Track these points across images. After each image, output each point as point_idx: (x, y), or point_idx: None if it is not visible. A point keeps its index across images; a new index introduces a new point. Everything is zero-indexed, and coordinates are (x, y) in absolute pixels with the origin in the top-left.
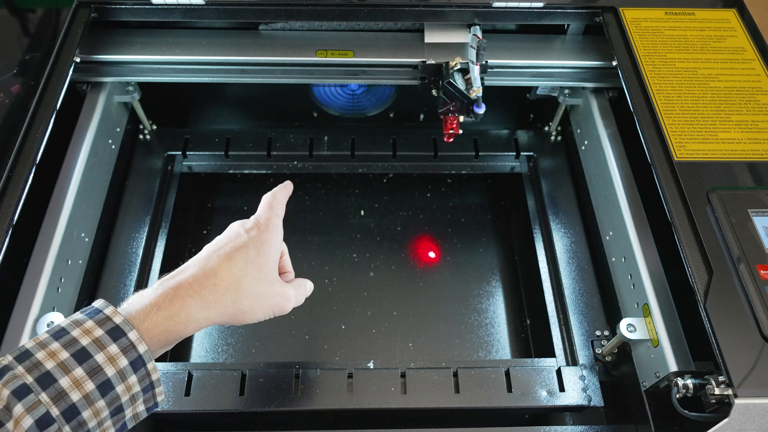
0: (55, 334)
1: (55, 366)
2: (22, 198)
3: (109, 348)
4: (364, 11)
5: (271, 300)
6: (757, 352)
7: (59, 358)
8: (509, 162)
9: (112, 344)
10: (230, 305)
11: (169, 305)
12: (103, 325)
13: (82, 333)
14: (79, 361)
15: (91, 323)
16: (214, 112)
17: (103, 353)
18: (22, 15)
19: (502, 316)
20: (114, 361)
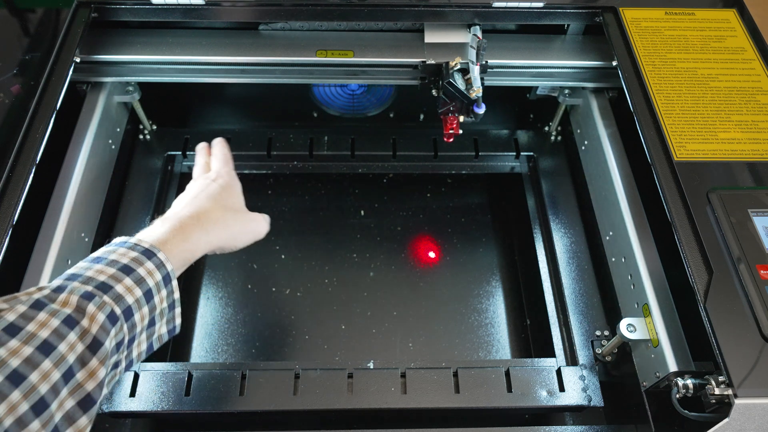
0: (93, 261)
1: (108, 277)
2: (22, 198)
3: (146, 264)
4: (364, 11)
5: (249, 226)
6: (757, 352)
7: (108, 272)
8: (509, 162)
9: (148, 261)
10: (221, 232)
11: (180, 235)
12: (135, 249)
13: (120, 255)
14: (126, 273)
15: (123, 249)
16: (214, 112)
17: (144, 268)
18: (22, 15)
19: (502, 316)
20: (151, 274)
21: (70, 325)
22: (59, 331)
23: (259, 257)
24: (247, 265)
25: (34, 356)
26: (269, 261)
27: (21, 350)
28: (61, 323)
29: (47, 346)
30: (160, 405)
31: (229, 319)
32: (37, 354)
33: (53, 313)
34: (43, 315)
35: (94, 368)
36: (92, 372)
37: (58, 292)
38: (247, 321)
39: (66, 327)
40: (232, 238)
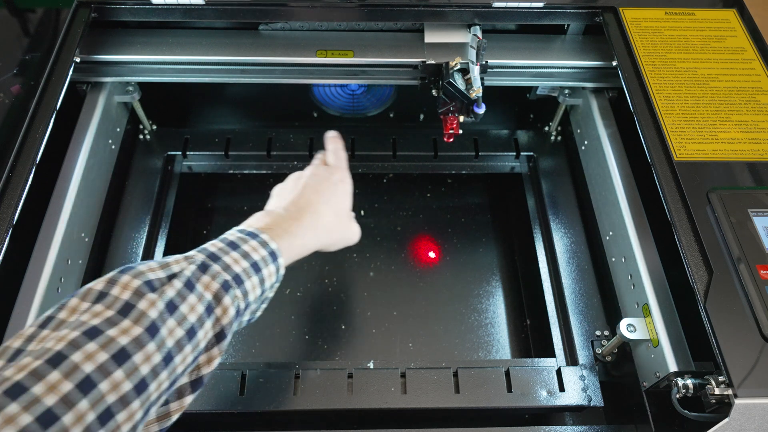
0: (229, 245)
1: (242, 270)
2: (22, 198)
3: (269, 267)
4: (364, 11)
5: (347, 234)
6: (757, 352)
7: (242, 265)
8: (509, 162)
9: (272, 264)
10: (326, 236)
11: (298, 234)
12: (265, 247)
13: (253, 249)
14: (255, 272)
15: (255, 243)
16: (214, 112)
17: (267, 269)
18: (22, 15)
19: (502, 316)
20: (270, 277)
21: (208, 312)
22: (202, 318)
23: None
24: None
25: (182, 340)
26: None
27: (175, 331)
28: (204, 311)
29: (192, 331)
30: None
31: None
32: (185, 338)
33: (200, 298)
34: (193, 298)
35: (214, 356)
36: (211, 359)
37: (203, 272)
38: None
39: (206, 314)
40: (331, 242)
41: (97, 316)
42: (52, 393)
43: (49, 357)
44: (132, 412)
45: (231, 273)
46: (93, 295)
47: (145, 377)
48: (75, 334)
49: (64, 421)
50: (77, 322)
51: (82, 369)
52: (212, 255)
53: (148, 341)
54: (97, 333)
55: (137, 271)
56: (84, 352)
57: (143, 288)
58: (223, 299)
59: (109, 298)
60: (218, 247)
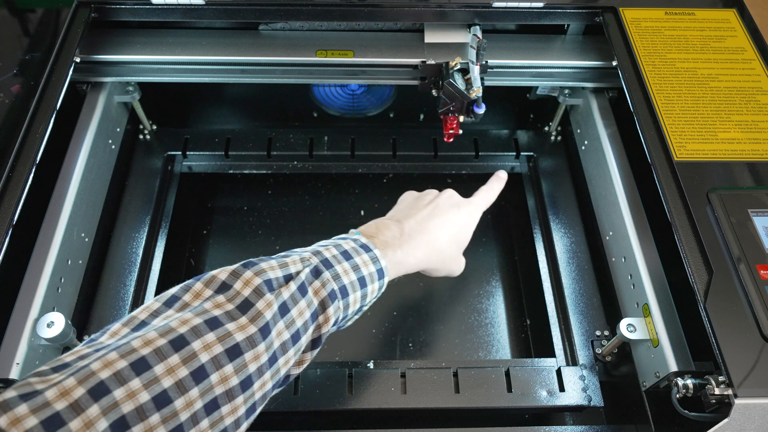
0: (343, 254)
1: (349, 283)
2: (22, 198)
3: (374, 284)
4: (364, 11)
5: (454, 266)
6: (757, 352)
7: (351, 277)
8: (509, 162)
9: (377, 282)
10: (434, 260)
11: (407, 259)
12: (375, 264)
13: (363, 263)
14: (361, 286)
15: (367, 257)
16: (214, 112)
17: (372, 286)
18: (22, 15)
19: (502, 316)
20: (373, 293)
21: (313, 318)
22: (307, 324)
23: None
24: None
25: (287, 343)
26: None
27: (282, 334)
28: (310, 316)
29: (297, 335)
30: None
31: None
32: (289, 342)
33: (309, 304)
34: (303, 304)
35: (305, 360)
36: (302, 362)
37: (315, 277)
38: None
39: (311, 320)
40: (435, 269)
41: (219, 307)
42: (169, 376)
43: (173, 338)
44: (236, 406)
45: (340, 283)
46: (216, 283)
47: (252, 375)
48: (197, 321)
49: (175, 405)
50: (200, 308)
51: (199, 358)
52: (326, 261)
53: (260, 341)
54: (217, 325)
55: (259, 268)
56: (203, 342)
57: (263, 287)
58: (328, 308)
59: (231, 291)
60: (332, 254)
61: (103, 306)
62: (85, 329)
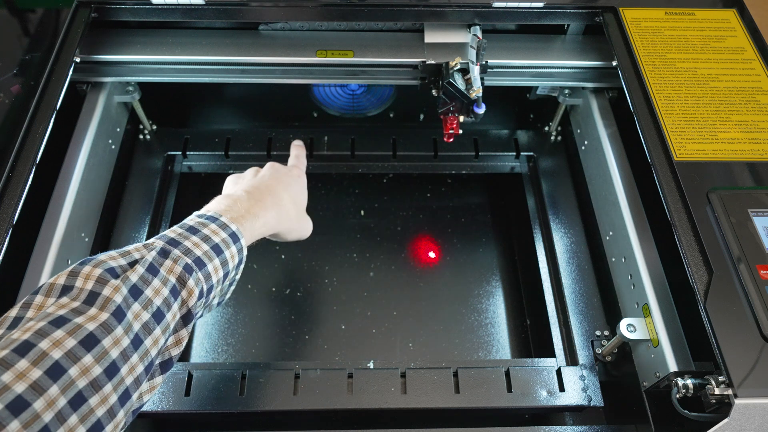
0: (189, 230)
1: (203, 253)
2: (22, 198)
3: (231, 249)
4: (364, 11)
5: (302, 223)
6: (757, 352)
7: (203, 248)
8: (509, 162)
9: (233, 246)
10: (284, 221)
11: (259, 215)
12: (225, 229)
13: (213, 232)
14: (216, 254)
15: (215, 226)
16: (214, 112)
17: (229, 251)
18: (22, 15)
19: (502, 316)
20: (233, 258)
21: (174, 295)
22: (168, 301)
23: (259, 257)
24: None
25: (149, 323)
26: (269, 261)
27: (141, 315)
28: (169, 293)
29: (159, 314)
30: (160, 405)
31: (229, 319)
32: (152, 321)
33: (164, 281)
34: (157, 283)
35: (182, 337)
36: (179, 340)
37: (164, 257)
38: (247, 321)
39: (172, 297)
40: (290, 228)
41: (63, 307)
42: (21, 380)
43: (16, 346)
44: (105, 395)
45: (192, 256)
46: (57, 289)
47: (116, 360)
48: (41, 324)
49: (35, 407)
50: (43, 314)
51: (51, 355)
52: (172, 240)
53: (116, 325)
54: (64, 321)
55: (98, 260)
56: (51, 339)
57: (105, 275)
58: (187, 282)
59: (74, 291)
60: (177, 233)
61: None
62: None
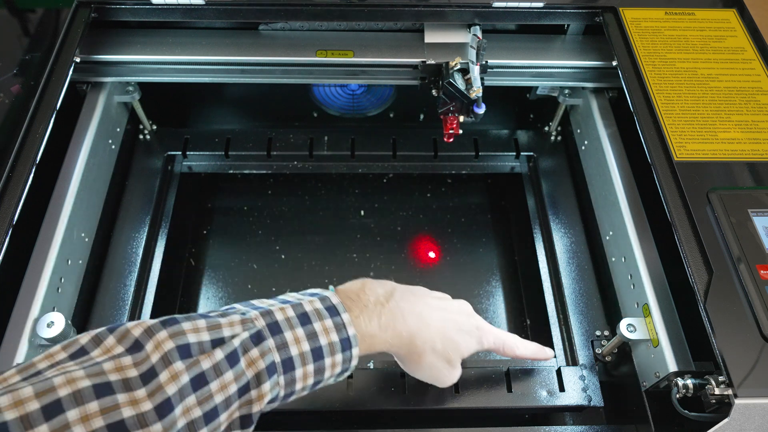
0: (301, 317)
1: (298, 354)
2: (22, 198)
3: (335, 356)
4: (364, 11)
5: (443, 370)
6: (757, 352)
7: (300, 348)
8: (509, 162)
9: (339, 354)
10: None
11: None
12: (340, 332)
13: (324, 331)
14: (314, 359)
15: (330, 323)
16: (214, 112)
17: (332, 359)
18: (22, 15)
19: (502, 316)
20: (334, 367)
21: (241, 393)
22: (230, 399)
23: (259, 257)
24: (247, 265)
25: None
26: (269, 261)
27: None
28: (237, 391)
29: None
30: None
31: None
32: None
33: (238, 376)
34: (230, 376)
35: None
36: None
37: (254, 344)
38: None
39: (237, 395)
40: (417, 366)
41: (119, 370)
42: None
43: (47, 403)
44: None
45: (284, 354)
46: (129, 340)
47: None
48: (85, 384)
49: None
50: (97, 368)
51: (72, 430)
52: (275, 325)
53: (154, 421)
54: (107, 392)
55: (178, 329)
56: (82, 411)
57: (173, 354)
58: (262, 384)
59: (142, 354)
60: (286, 316)
61: (103, 306)
62: (85, 329)
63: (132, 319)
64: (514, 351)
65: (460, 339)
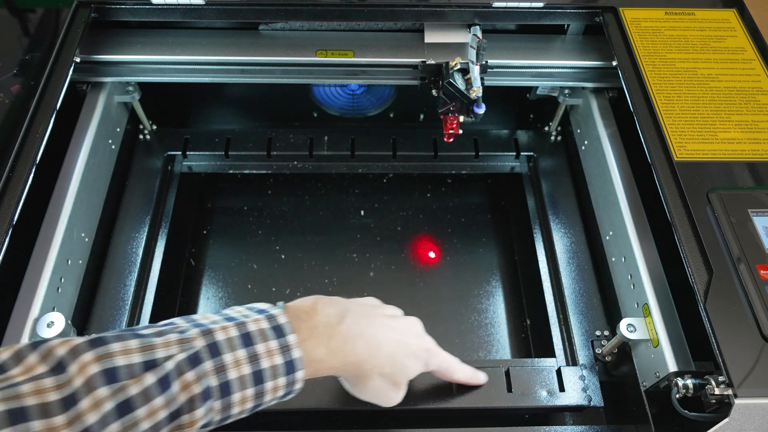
0: (244, 337)
1: (237, 378)
2: (22, 198)
3: (277, 380)
4: (364, 11)
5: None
6: (757, 352)
7: (240, 371)
8: (509, 162)
9: (282, 377)
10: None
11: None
12: (284, 354)
13: (267, 353)
14: (254, 383)
15: (275, 345)
16: (214, 112)
17: (274, 383)
18: (22, 15)
19: (502, 316)
20: (275, 391)
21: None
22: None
23: (259, 257)
24: (247, 265)
25: None
26: (269, 261)
27: None
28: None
29: None
30: None
31: None
32: None
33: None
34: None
35: None
36: None
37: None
38: None
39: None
40: (363, 388)
41: (38, 393)
42: None
43: None
44: None
45: (222, 378)
46: (53, 360)
47: None
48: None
49: None
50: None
51: None
52: (214, 346)
53: None
54: (22, 418)
55: (106, 350)
56: None
57: (97, 379)
58: (196, 409)
59: (64, 376)
60: (227, 336)
61: (103, 306)
62: (85, 329)
63: (132, 320)
64: (453, 375)
65: (410, 363)
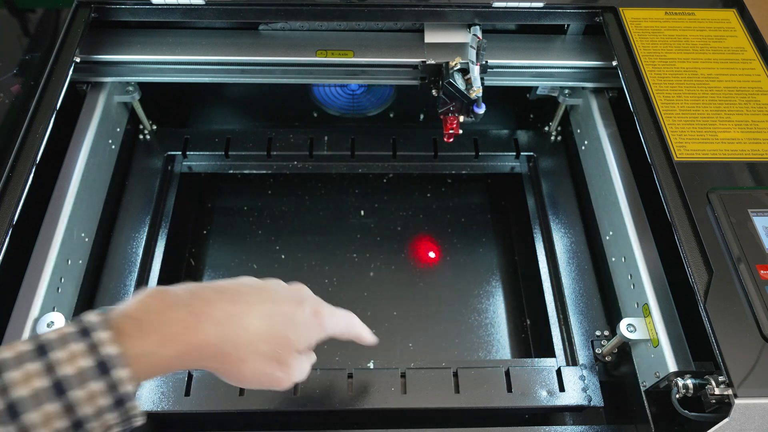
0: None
1: (31, 394)
2: (22, 198)
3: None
4: (364, 11)
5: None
6: (757, 352)
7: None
8: (509, 162)
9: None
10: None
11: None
12: (93, 354)
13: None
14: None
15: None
16: (214, 112)
17: (84, 391)
18: (22, 15)
19: (502, 316)
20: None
21: None
22: None
23: (259, 257)
24: (247, 265)
25: None
26: (269, 261)
27: None
28: None
29: None
30: (160, 405)
31: None
32: None
33: None
34: None
35: None
36: None
37: None
38: None
39: None
40: (242, 377)
41: None
42: None
43: None
44: None
45: (6, 399)
46: None
47: None
48: None
49: None
50: None
51: None
52: (12, 408)
53: None
54: None
55: None
56: None
57: None
58: None
59: None
60: (32, 390)
61: (103, 306)
62: None
63: None
64: (360, 336)
65: (292, 333)
